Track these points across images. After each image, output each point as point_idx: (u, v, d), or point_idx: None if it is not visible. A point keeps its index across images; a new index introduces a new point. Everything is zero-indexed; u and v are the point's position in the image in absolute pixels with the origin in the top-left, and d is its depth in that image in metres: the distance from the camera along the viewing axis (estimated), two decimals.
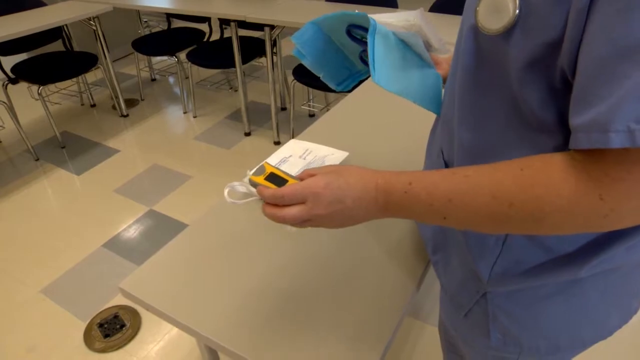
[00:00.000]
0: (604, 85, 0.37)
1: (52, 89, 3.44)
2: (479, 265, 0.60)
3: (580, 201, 0.39)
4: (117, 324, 1.67)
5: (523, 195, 0.42)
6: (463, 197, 0.46)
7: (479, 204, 0.45)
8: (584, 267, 0.52)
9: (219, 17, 2.64)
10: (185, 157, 2.68)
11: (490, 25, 0.47)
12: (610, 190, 0.38)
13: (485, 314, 0.63)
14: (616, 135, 0.36)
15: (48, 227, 2.18)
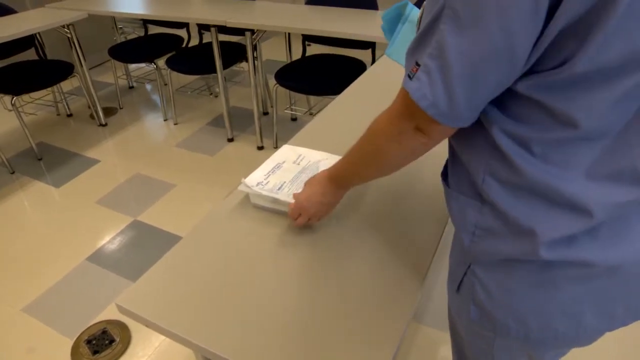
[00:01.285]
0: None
1: (26, 99, 3.34)
2: (463, 235, 0.66)
3: (404, 133, 0.61)
4: (105, 339, 1.62)
5: (368, 136, 0.70)
6: (355, 161, 0.77)
7: (358, 157, 0.76)
8: (543, 243, 0.56)
9: (200, 22, 2.60)
10: (168, 165, 2.64)
11: None
12: (403, 117, 0.61)
13: (470, 286, 0.67)
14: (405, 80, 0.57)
15: (27, 243, 2.11)
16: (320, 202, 0.85)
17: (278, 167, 1.06)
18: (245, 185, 0.98)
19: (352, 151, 0.75)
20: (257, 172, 1.04)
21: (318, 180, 0.86)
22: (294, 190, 0.95)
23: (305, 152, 1.12)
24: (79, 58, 2.86)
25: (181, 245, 0.90)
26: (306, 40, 2.78)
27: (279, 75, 2.49)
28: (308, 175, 0.96)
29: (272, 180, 1.01)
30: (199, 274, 0.83)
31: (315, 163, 1.07)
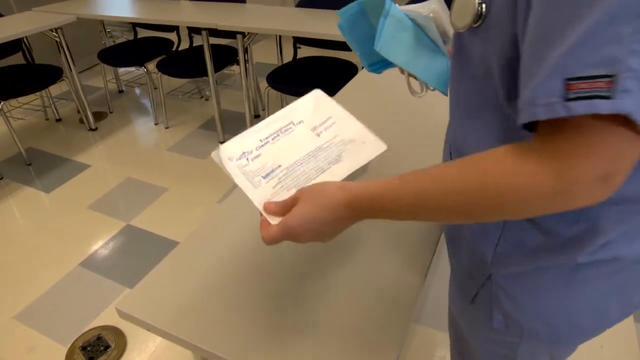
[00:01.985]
0: (532, 67, 0.41)
1: (13, 104, 3.30)
2: (483, 248, 0.62)
3: (536, 180, 0.41)
4: (100, 345, 1.61)
5: (480, 185, 0.45)
6: (428, 197, 0.49)
7: (443, 200, 0.48)
8: (581, 252, 0.55)
9: (190, 25, 2.60)
10: (159, 169, 2.62)
11: (459, 23, 0.53)
12: (565, 165, 0.40)
13: (490, 296, 0.65)
14: (540, 109, 0.40)
15: (18, 249, 2.09)
16: (323, 232, 0.57)
17: (287, 130, 0.69)
18: (217, 154, 0.66)
19: (428, 189, 0.49)
20: (250, 134, 0.68)
21: (329, 203, 0.55)
22: (288, 186, 0.63)
23: (338, 114, 0.73)
24: (67, 62, 2.84)
25: (179, 250, 0.90)
26: (297, 42, 2.79)
27: (271, 78, 2.49)
28: (323, 163, 0.65)
29: (267, 153, 0.66)
30: (197, 277, 0.83)
31: (343, 144, 0.69)
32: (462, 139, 0.62)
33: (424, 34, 0.77)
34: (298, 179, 0.64)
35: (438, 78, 0.76)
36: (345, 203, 0.54)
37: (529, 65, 0.42)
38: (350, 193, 0.54)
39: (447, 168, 0.49)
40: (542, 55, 0.40)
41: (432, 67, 0.76)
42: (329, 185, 0.56)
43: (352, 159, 0.67)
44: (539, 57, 0.41)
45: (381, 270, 0.83)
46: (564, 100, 0.38)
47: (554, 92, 0.39)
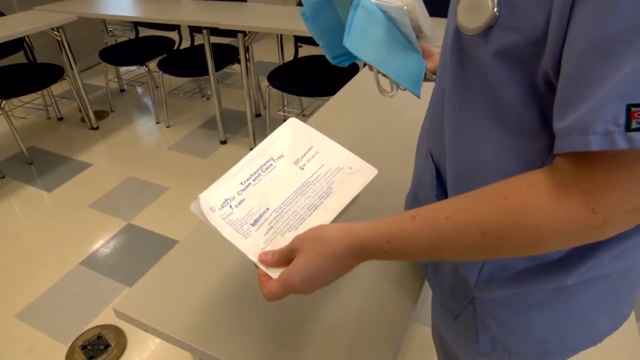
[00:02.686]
0: (584, 87, 0.36)
1: (15, 102, 3.30)
2: (466, 271, 0.59)
3: (574, 219, 0.38)
4: (101, 344, 1.61)
5: (512, 226, 0.41)
6: (449, 242, 0.44)
7: (467, 244, 0.43)
8: (571, 275, 0.52)
9: (191, 24, 2.60)
10: (160, 169, 2.62)
11: (469, 24, 0.47)
12: (602, 201, 0.37)
13: (474, 319, 0.62)
14: (595, 138, 0.35)
15: (19, 248, 2.09)
16: (327, 281, 0.52)
17: (268, 168, 0.63)
18: (197, 206, 0.59)
19: (454, 226, 0.44)
20: (230, 177, 0.62)
21: (332, 252, 0.50)
22: (281, 230, 0.58)
23: (319, 143, 0.68)
24: (69, 61, 2.84)
25: (178, 249, 0.89)
26: (298, 41, 2.78)
27: (272, 77, 2.49)
28: (314, 198, 0.61)
29: (251, 197, 0.60)
30: (196, 277, 0.83)
31: (330, 174, 0.64)
32: (457, 149, 0.57)
33: (397, 29, 0.71)
34: (290, 220, 0.59)
35: (410, 78, 0.71)
36: (350, 250, 0.49)
37: (575, 83, 0.37)
38: (356, 239, 0.49)
39: (469, 206, 0.44)
40: (598, 73, 0.35)
41: (404, 66, 0.70)
42: (329, 230, 0.50)
43: (344, 189, 0.63)
44: (593, 75, 0.35)
45: (382, 269, 0.82)
46: (625, 130, 0.33)
47: (614, 119, 0.34)
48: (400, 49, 0.72)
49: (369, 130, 1.24)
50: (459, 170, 0.58)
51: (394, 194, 1.00)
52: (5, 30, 2.46)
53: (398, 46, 0.71)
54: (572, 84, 0.37)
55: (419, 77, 0.73)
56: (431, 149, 0.66)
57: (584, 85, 0.36)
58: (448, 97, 0.57)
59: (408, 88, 0.71)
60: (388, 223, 0.48)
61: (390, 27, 0.71)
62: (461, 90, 0.53)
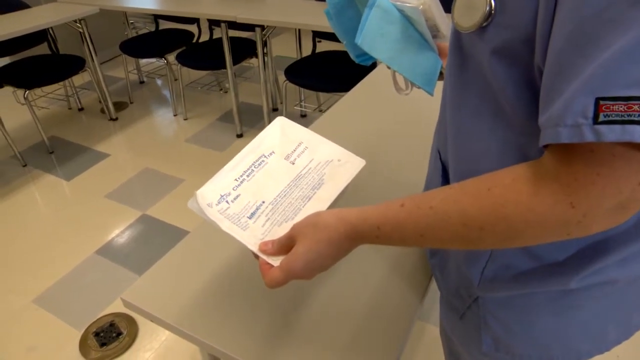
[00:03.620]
0: (561, 81, 0.36)
1: (38, 93, 3.37)
2: (470, 270, 0.59)
3: (552, 212, 0.38)
4: (113, 332, 1.64)
5: (492, 217, 0.41)
6: (433, 231, 0.45)
7: (450, 233, 0.44)
8: (574, 278, 0.51)
9: (209, 17, 2.61)
10: (177, 160, 2.65)
11: (464, 23, 0.47)
12: (581, 195, 0.37)
13: (478, 318, 0.62)
14: (565, 130, 0.35)
15: (38, 235, 2.14)
16: (326, 265, 0.54)
17: (260, 164, 0.66)
18: (195, 202, 0.60)
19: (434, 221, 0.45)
20: (223, 175, 0.65)
21: (329, 237, 0.52)
22: (278, 221, 0.60)
23: (308, 138, 0.71)
24: (90, 53, 2.88)
25: (188, 240, 0.90)
26: (316, 36, 2.77)
27: (289, 72, 2.49)
28: (307, 190, 0.64)
29: (245, 191, 0.63)
30: (205, 269, 0.83)
31: (321, 166, 0.68)
32: (458, 149, 0.57)
33: (413, 28, 0.72)
34: (286, 211, 0.62)
35: (424, 76, 0.71)
36: (345, 234, 0.51)
37: (554, 78, 0.37)
38: (350, 224, 0.51)
39: (454, 196, 0.45)
40: (572, 67, 0.35)
41: (418, 65, 0.71)
42: (325, 217, 0.52)
43: (335, 180, 0.66)
44: (568, 69, 0.35)
45: (392, 266, 0.82)
46: (593, 122, 0.33)
47: (582, 112, 0.34)
48: (415, 48, 0.72)
49: (384, 126, 1.23)
50: (461, 169, 0.57)
51: (409, 191, 0.99)
52: (31, 21, 2.52)
53: (413, 45, 0.72)
54: (551, 78, 0.37)
55: (432, 76, 0.73)
56: (439, 148, 0.66)
57: (561, 79, 0.36)
58: (449, 96, 0.57)
59: (421, 86, 0.71)
60: (379, 210, 0.50)
61: (407, 26, 0.72)
62: (461, 88, 0.53)
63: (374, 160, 1.08)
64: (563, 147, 0.37)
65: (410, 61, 0.71)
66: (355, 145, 1.14)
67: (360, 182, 1.00)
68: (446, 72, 0.57)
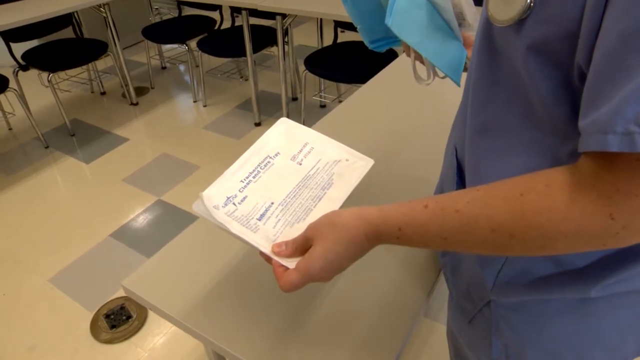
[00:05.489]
0: (610, 83, 0.33)
1: (62, 76, 3.42)
2: (485, 272, 0.57)
3: (589, 223, 0.36)
4: (123, 315, 1.66)
5: (523, 224, 0.39)
6: (458, 235, 0.43)
7: (477, 238, 0.42)
8: (595, 286, 0.48)
9: (230, 4, 2.59)
10: (194, 147, 2.66)
11: (501, 16, 0.44)
12: (622, 207, 0.34)
13: (489, 323, 0.59)
14: (614, 138, 0.32)
15: (57, 216, 2.18)
16: (345, 266, 0.52)
17: (266, 165, 0.64)
18: (201, 205, 0.58)
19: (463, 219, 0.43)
20: (228, 176, 0.62)
21: (349, 238, 0.49)
22: (290, 222, 0.58)
23: (313, 139, 0.69)
24: (113, 37, 2.91)
25: (194, 228, 0.89)
26: (339, 26, 2.73)
27: (309, 61, 2.46)
28: (317, 190, 0.62)
29: (253, 193, 0.61)
30: (210, 259, 0.82)
31: (329, 167, 0.65)
32: (479, 145, 0.55)
33: (438, 14, 0.69)
34: (297, 212, 0.60)
35: (451, 65, 0.69)
36: (365, 234, 0.49)
37: (602, 79, 0.34)
38: (370, 224, 0.49)
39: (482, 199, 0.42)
40: (625, 69, 0.32)
41: (445, 52, 0.69)
42: (344, 216, 0.50)
43: (344, 180, 0.64)
44: (620, 71, 0.33)
45: (400, 263, 0.79)
46: None
47: (635, 119, 0.31)
48: (441, 35, 0.70)
49: (401, 119, 1.20)
50: (479, 166, 0.54)
51: (427, 186, 0.96)
52: (57, 5, 2.55)
53: (439, 32, 0.70)
54: (598, 79, 0.35)
55: (459, 65, 0.71)
56: (456, 144, 0.63)
57: (610, 81, 0.33)
58: (474, 90, 0.54)
59: (448, 75, 0.70)
60: (401, 210, 0.47)
61: (433, 12, 0.70)
62: (490, 83, 0.50)
63: (389, 155, 1.06)
64: (606, 154, 0.34)
65: (437, 48, 0.69)
66: (370, 138, 1.12)
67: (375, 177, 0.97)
68: (472, 66, 0.54)
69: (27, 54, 2.76)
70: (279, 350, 0.67)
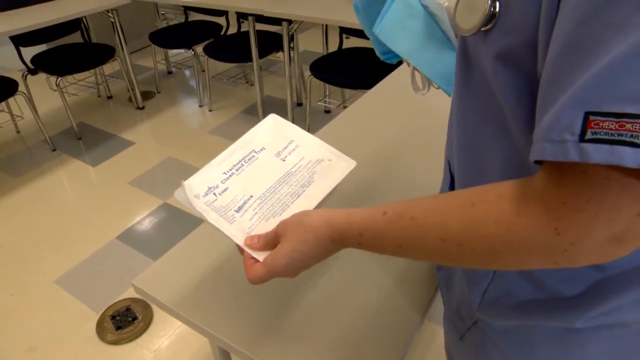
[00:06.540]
0: (553, 89, 0.32)
1: (70, 80, 3.46)
2: (472, 290, 0.57)
3: (533, 237, 0.35)
4: (129, 316, 1.67)
5: (471, 234, 0.38)
6: (412, 243, 0.43)
7: (428, 246, 0.42)
8: (581, 317, 0.47)
9: (237, 10, 2.62)
10: (200, 151, 2.68)
11: (465, 25, 0.44)
12: (568, 222, 0.33)
13: (477, 342, 0.59)
14: (550, 146, 0.31)
15: (64, 218, 2.20)
16: (309, 264, 0.53)
17: (250, 159, 0.66)
18: (182, 193, 0.60)
19: (417, 227, 0.43)
20: (213, 167, 0.64)
21: (314, 239, 0.51)
22: (266, 216, 0.60)
23: (299, 137, 0.71)
24: (120, 42, 2.94)
25: (202, 230, 0.91)
26: (344, 32, 2.75)
27: (314, 67, 2.48)
28: (296, 187, 0.63)
29: (234, 185, 0.63)
30: (217, 260, 0.84)
31: (311, 165, 0.67)
32: (463, 160, 0.55)
33: (436, 25, 0.70)
34: (274, 207, 0.61)
35: (443, 75, 0.69)
36: (330, 237, 0.50)
37: (549, 87, 0.33)
38: (335, 228, 0.49)
39: (437, 208, 0.42)
40: (566, 75, 0.31)
41: (438, 63, 0.69)
42: (312, 217, 0.51)
43: (325, 179, 0.65)
44: (562, 77, 0.32)
45: (397, 278, 0.80)
46: (579, 139, 0.30)
47: (570, 127, 0.30)
48: (436, 45, 0.71)
49: (403, 126, 1.21)
50: (466, 182, 0.55)
51: (430, 192, 0.97)
52: (66, 10, 2.59)
53: (435, 42, 0.70)
54: (546, 87, 0.34)
55: (452, 76, 0.71)
56: (449, 157, 0.63)
57: (555, 89, 0.32)
58: (455, 103, 0.54)
59: (439, 85, 0.69)
60: (363, 215, 0.48)
61: (429, 22, 0.70)
62: (466, 96, 0.50)
63: (393, 161, 1.07)
64: (555, 165, 0.33)
65: (430, 58, 0.69)
66: (374, 144, 1.13)
67: (378, 182, 0.98)
68: (455, 79, 0.54)
69: (36, 58, 2.79)
70: (277, 348, 0.68)
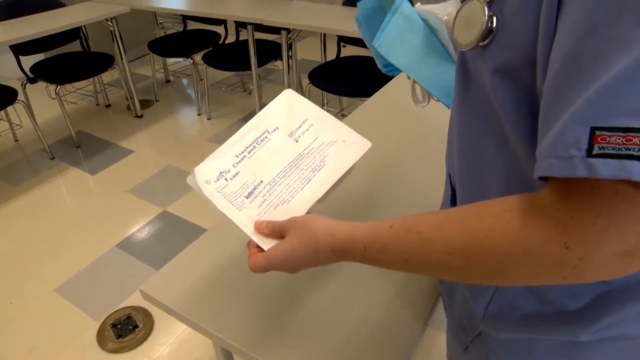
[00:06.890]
0: (556, 106, 0.33)
1: (68, 88, 3.47)
2: (475, 302, 0.57)
3: (542, 251, 0.34)
4: (130, 324, 1.67)
5: (478, 248, 0.38)
6: (418, 257, 0.43)
7: (435, 260, 0.41)
8: (585, 330, 0.47)
9: (236, 19, 2.65)
10: (199, 159, 2.63)
11: (463, 40, 0.44)
12: (577, 237, 0.32)
13: (480, 355, 0.60)
14: (557, 162, 0.31)
15: (63, 226, 2.20)
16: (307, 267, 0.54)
17: (262, 140, 0.64)
18: (193, 179, 0.61)
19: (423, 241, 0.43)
20: (224, 151, 0.63)
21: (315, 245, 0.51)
22: (274, 203, 0.59)
23: (313, 115, 0.67)
24: (119, 51, 2.96)
25: (206, 237, 0.91)
26: (342, 41, 2.78)
27: (312, 75, 2.50)
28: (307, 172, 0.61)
29: (245, 169, 0.61)
30: (222, 266, 0.84)
31: (324, 147, 0.64)
32: (463, 174, 0.55)
33: (436, 38, 0.71)
34: (283, 193, 0.60)
35: (442, 88, 0.70)
36: (332, 248, 0.50)
37: (551, 103, 0.33)
38: (338, 240, 0.49)
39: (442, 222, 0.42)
40: (569, 91, 0.31)
41: (438, 75, 0.70)
42: (317, 224, 0.52)
43: (337, 162, 0.63)
44: (565, 93, 0.32)
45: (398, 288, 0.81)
46: (586, 155, 0.30)
47: (576, 142, 0.30)
48: (436, 59, 0.72)
49: (405, 133, 1.22)
50: (467, 196, 0.55)
51: (430, 201, 0.98)
52: (66, 19, 2.60)
53: (435, 55, 0.72)
54: (548, 103, 0.34)
55: (451, 89, 0.72)
56: (450, 171, 0.64)
57: (558, 105, 0.33)
58: (455, 115, 0.55)
59: (439, 97, 0.71)
60: (368, 229, 0.47)
61: (429, 35, 0.71)
62: (466, 110, 0.51)
63: (392, 169, 1.08)
64: (562, 181, 0.33)
65: (430, 71, 0.70)
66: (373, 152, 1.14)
67: (377, 191, 1.00)
68: (454, 92, 0.55)
69: (35, 66, 2.80)
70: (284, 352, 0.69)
